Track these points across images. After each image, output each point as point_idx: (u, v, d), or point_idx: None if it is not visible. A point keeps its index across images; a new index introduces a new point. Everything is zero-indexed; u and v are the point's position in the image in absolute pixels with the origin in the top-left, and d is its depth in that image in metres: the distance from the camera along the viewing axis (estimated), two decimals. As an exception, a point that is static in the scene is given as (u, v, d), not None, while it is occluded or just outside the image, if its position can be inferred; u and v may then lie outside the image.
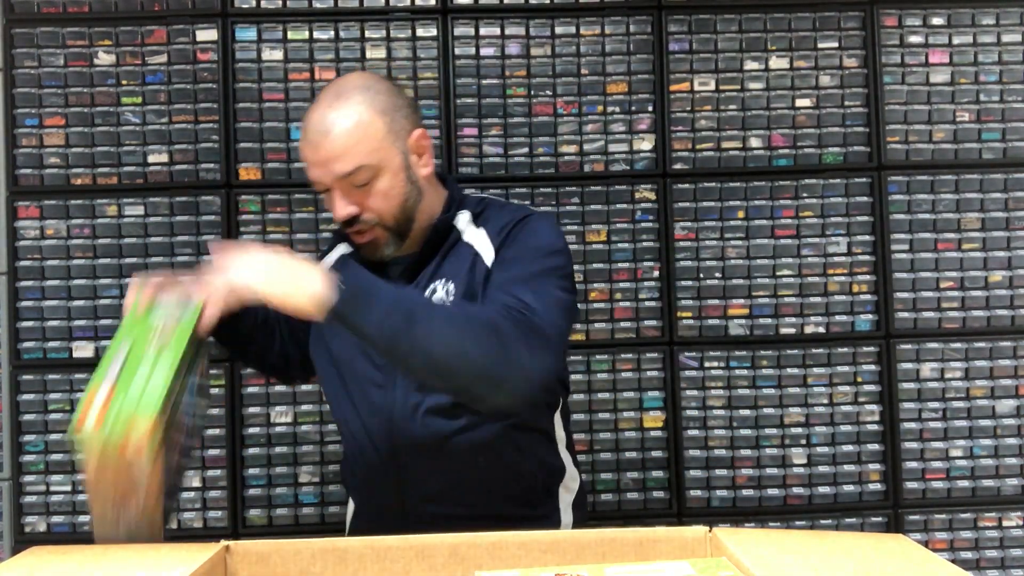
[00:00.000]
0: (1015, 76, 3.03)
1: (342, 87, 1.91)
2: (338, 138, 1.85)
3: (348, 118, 1.86)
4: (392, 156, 1.90)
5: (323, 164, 1.87)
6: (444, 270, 1.97)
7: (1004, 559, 2.96)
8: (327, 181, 1.88)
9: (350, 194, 1.89)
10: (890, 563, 1.28)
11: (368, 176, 1.88)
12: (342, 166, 1.85)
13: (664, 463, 2.97)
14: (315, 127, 1.87)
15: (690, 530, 1.52)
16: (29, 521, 2.89)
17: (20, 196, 2.92)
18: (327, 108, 1.87)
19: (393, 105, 1.92)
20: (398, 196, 1.92)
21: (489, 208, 2.07)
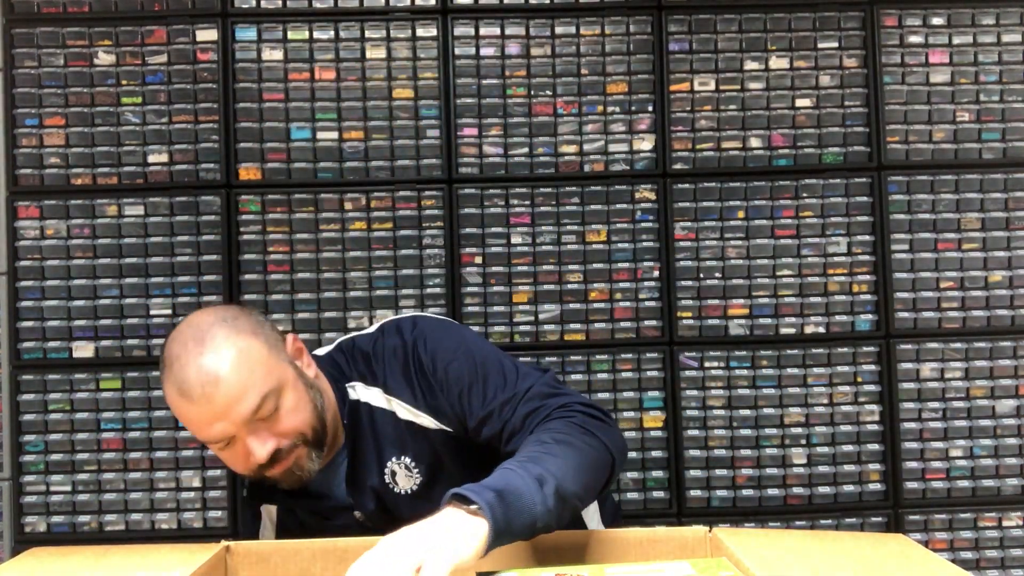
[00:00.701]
0: (1015, 76, 3.02)
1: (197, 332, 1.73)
2: (232, 379, 1.67)
3: (229, 356, 1.69)
4: (283, 371, 1.76)
5: (223, 416, 1.67)
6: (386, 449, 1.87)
7: (1004, 559, 2.96)
8: (234, 429, 1.69)
9: (260, 430, 1.71)
10: (890, 563, 1.28)
11: (274, 402, 1.71)
12: (247, 405, 1.67)
13: (664, 463, 2.97)
14: (196, 381, 1.66)
15: (690, 530, 1.52)
16: (29, 521, 2.89)
17: (20, 196, 2.92)
18: (197, 357, 1.68)
19: (256, 324, 1.79)
20: (307, 405, 1.77)
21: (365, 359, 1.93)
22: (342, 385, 1.89)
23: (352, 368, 1.92)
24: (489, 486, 1.36)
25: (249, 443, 1.70)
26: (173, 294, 2.92)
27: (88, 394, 2.90)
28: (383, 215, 2.95)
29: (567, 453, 1.52)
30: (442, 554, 1.23)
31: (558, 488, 1.41)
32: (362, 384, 1.89)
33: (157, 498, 2.90)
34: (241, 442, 1.70)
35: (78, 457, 2.90)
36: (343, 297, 2.93)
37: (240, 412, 1.67)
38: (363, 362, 1.91)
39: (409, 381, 1.85)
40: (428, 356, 1.85)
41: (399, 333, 1.92)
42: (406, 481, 1.87)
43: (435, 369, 1.83)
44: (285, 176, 2.95)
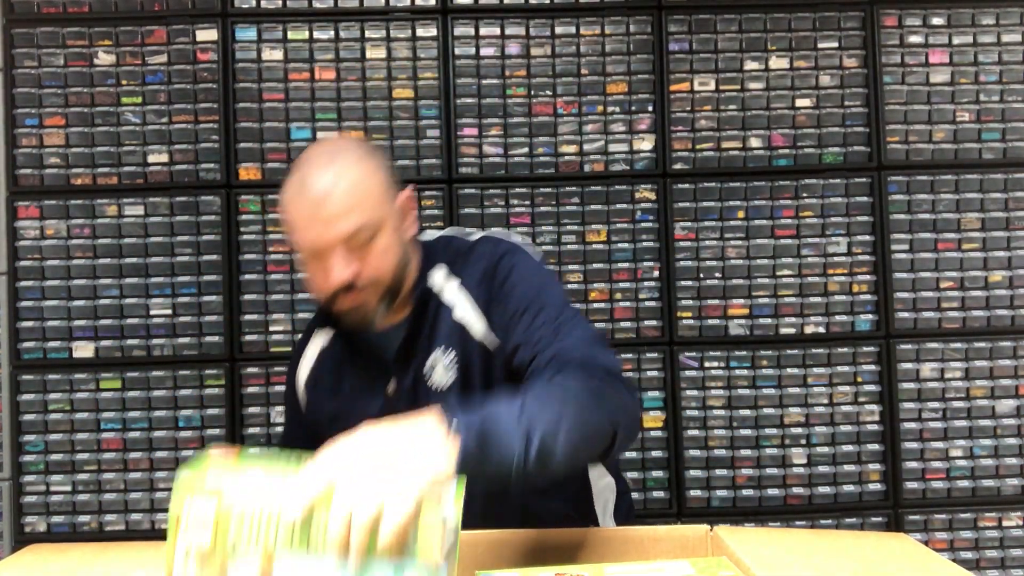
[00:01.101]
0: (1015, 76, 3.03)
1: (330, 149, 1.84)
2: (341, 197, 1.74)
3: (348, 177, 1.77)
4: (388, 214, 1.83)
5: (324, 224, 1.74)
6: (437, 338, 1.91)
7: (1004, 559, 2.96)
8: (325, 242, 1.76)
9: (346, 256, 1.77)
10: (892, 562, 1.28)
11: (369, 235, 1.78)
12: (346, 225, 1.74)
13: (664, 463, 2.97)
14: (311, 188, 1.76)
15: (691, 529, 1.52)
16: (29, 521, 2.89)
17: (20, 196, 2.92)
18: (321, 169, 1.79)
19: (383, 165, 1.87)
20: (392, 257, 1.84)
21: (460, 253, 1.98)
22: (427, 268, 1.95)
23: (442, 256, 1.98)
24: (474, 428, 1.33)
25: (333, 262, 1.76)
26: (173, 294, 2.92)
27: (88, 394, 2.90)
28: (383, 215, 2.94)
29: (568, 413, 1.48)
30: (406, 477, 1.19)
31: (542, 448, 1.39)
32: (444, 273, 1.95)
33: (157, 498, 2.90)
34: (327, 260, 1.76)
35: (78, 457, 2.90)
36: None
37: (338, 228, 1.74)
38: (453, 255, 1.97)
39: (480, 285, 1.90)
40: (505, 270, 1.90)
41: (495, 244, 1.98)
42: (441, 376, 1.90)
43: (504, 282, 1.88)
44: (285, 176, 2.94)
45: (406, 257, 1.88)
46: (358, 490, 1.17)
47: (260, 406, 2.93)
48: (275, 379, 2.92)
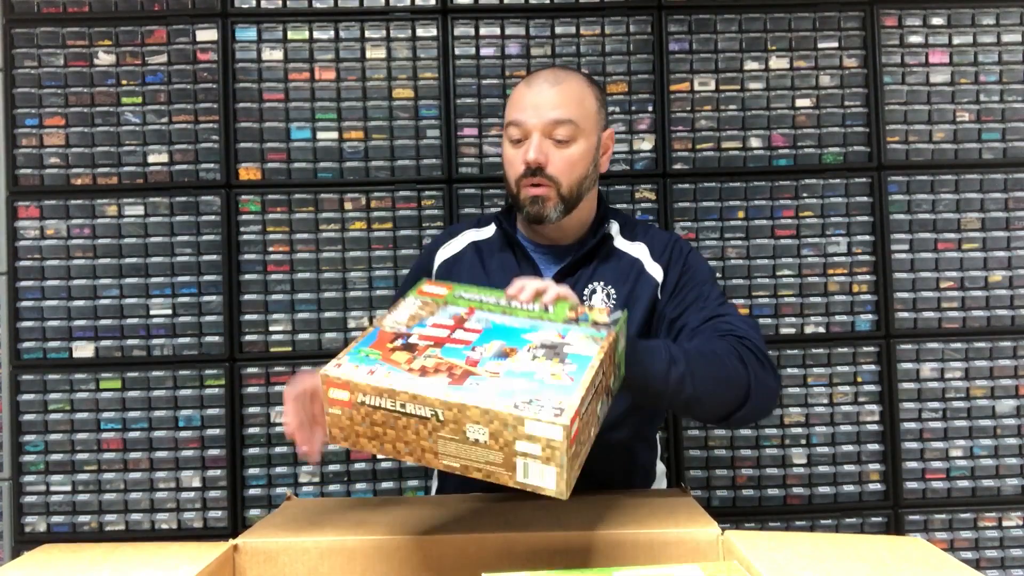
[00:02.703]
0: (1015, 76, 3.03)
1: (568, 68, 2.10)
2: (563, 90, 1.99)
3: (576, 82, 2.03)
4: (593, 130, 2.05)
5: (540, 105, 1.99)
6: (602, 273, 2.08)
7: (1004, 559, 2.96)
8: (534, 122, 1.98)
9: (544, 143, 1.99)
10: (905, 566, 1.28)
11: (570, 134, 1.99)
12: (557, 112, 1.98)
13: (665, 463, 2.96)
14: (544, 77, 2.02)
15: (702, 532, 1.52)
16: (29, 521, 2.88)
17: (20, 196, 2.92)
18: (558, 71, 2.05)
19: (604, 99, 2.12)
20: (582, 168, 2.03)
21: (635, 224, 2.21)
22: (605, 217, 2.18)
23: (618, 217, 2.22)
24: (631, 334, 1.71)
25: (533, 141, 1.99)
26: (173, 294, 2.92)
27: (88, 394, 2.90)
28: (383, 215, 2.95)
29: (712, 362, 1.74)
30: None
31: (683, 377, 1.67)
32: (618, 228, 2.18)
33: (157, 498, 2.90)
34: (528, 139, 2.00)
35: (78, 457, 2.90)
36: (343, 297, 2.93)
37: (549, 113, 1.98)
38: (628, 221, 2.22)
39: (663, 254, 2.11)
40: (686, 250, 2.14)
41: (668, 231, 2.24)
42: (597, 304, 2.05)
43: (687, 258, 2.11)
44: (285, 176, 2.95)
45: (591, 179, 2.09)
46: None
47: (260, 406, 2.93)
48: (275, 379, 2.92)
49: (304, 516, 1.74)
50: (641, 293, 2.04)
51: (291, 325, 2.94)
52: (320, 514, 1.74)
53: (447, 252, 2.23)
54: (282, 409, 1.97)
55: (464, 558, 1.49)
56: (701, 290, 2.02)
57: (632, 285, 2.05)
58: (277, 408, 2.92)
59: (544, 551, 1.50)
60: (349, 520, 1.67)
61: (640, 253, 2.11)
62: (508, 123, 2.03)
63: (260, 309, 2.93)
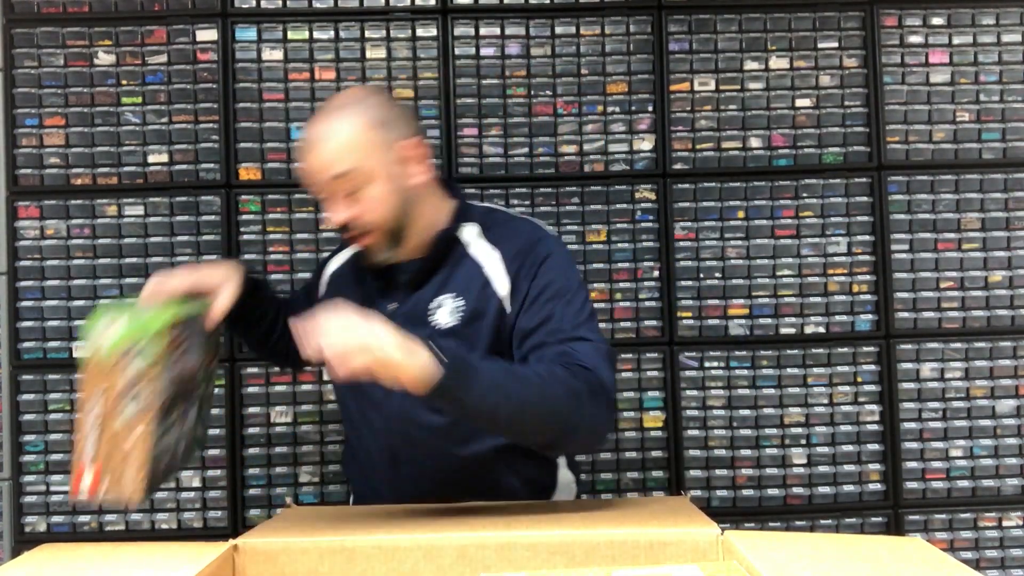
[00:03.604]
0: (1015, 76, 3.03)
1: (340, 101, 2.04)
2: (332, 144, 1.96)
3: (341, 127, 1.97)
4: (381, 165, 1.98)
5: (318, 168, 1.97)
6: (453, 283, 2.06)
7: (1004, 559, 2.96)
8: (320, 184, 1.99)
9: (343, 201, 1.98)
10: (905, 567, 1.28)
11: (358, 182, 1.96)
12: (332, 171, 1.95)
13: (664, 463, 2.97)
14: (313, 135, 1.98)
15: (701, 532, 1.52)
16: (29, 521, 2.88)
17: (20, 196, 2.92)
18: (325, 119, 1.99)
19: (386, 117, 2.02)
20: (386, 204, 1.99)
21: (498, 222, 2.14)
22: (460, 220, 2.12)
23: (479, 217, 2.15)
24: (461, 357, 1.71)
25: (330, 203, 2.01)
26: (173, 294, 2.92)
27: (88, 394, 2.90)
28: (383, 215, 2.94)
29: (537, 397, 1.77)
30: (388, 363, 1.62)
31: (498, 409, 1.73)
32: (476, 231, 2.12)
33: (157, 498, 2.90)
34: (326, 201, 2.02)
35: (78, 382, 2.90)
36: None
37: (327, 172, 1.97)
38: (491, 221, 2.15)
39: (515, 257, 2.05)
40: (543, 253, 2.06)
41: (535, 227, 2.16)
42: (443, 317, 2.05)
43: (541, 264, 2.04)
44: (285, 176, 2.95)
45: (406, 205, 2.03)
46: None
47: (260, 406, 2.93)
48: (275, 379, 2.92)
49: (304, 519, 1.74)
50: (486, 308, 2.03)
51: (291, 325, 2.94)
52: (320, 518, 1.75)
53: (334, 264, 2.33)
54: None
55: (464, 558, 1.49)
56: (554, 308, 1.99)
57: (476, 298, 2.03)
58: (277, 408, 2.93)
59: (544, 551, 1.50)
60: (349, 522, 1.67)
61: (490, 261, 2.07)
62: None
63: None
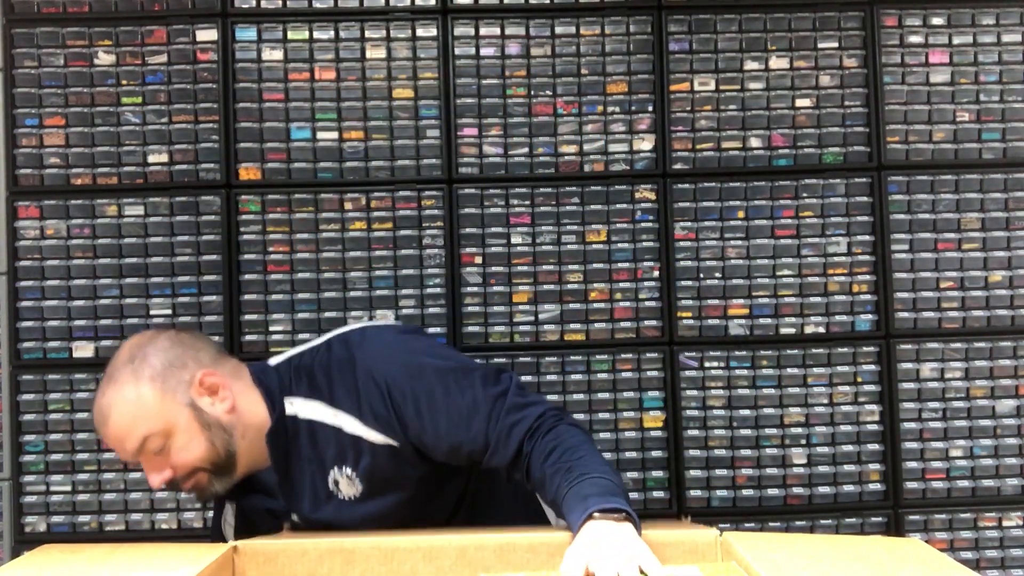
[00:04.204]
0: (1015, 76, 3.03)
1: (112, 369, 1.95)
2: (116, 421, 1.88)
3: (118, 399, 1.89)
4: (176, 414, 1.90)
5: (116, 442, 1.91)
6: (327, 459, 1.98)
7: (1004, 559, 2.96)
8: (127, 457, 1.93)
9: (155, 461, 1.91)
10: (904, 567, 1.28)
11: (160, 441, 1.89)
12: (130, 444, 1.88)
13: (664, 463, 2.97)
14: (97, 417, 1.93)
15: (700, 534, 1.52)
16: (29, 521, 2.88)
17: (20, 196, 2.92)
18: (101, 396, 1.92)
19: (163, 365, 1.93)
20: (200, 446, 1.92)
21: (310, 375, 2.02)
22: (279, 402, 1.99)
23: (295, 383, 2.02)
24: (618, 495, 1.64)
25: (146, 469, 1.93)
26: (173, 294, 2.92)
27: (88, 394, 2.89)
28: (383, 215, 2.94)
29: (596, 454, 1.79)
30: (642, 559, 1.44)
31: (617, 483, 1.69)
32: (302, 399, 2.00)
33: (157, 498, 2.90)
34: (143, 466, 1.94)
35: (78, 457, 2.89)
36: (343, 297, 2.93)
37: (126, 448, 1.91)
38: (307, 377, 2.01)
39: (356, 396, 1.93)
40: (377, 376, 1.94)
41: (347, 346, 2.02)
42: (349, 488, 1.97)
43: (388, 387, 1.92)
44: (285, 176, 2.94)
45: (223, 436, 1.94)
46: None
47: (260, 406, 2.93)
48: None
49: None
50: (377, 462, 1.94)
51: (291, 325, 2.94)
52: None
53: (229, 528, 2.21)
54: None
55: (464, 558, 1.49)
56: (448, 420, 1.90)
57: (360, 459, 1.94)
58: (277, 408, 2.93)
59: (543, 552, 1.50)
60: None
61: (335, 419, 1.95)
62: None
63: (260, 309, 2.93)
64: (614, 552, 1.42)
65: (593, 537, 1.49)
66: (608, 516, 1.55)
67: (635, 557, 1.41)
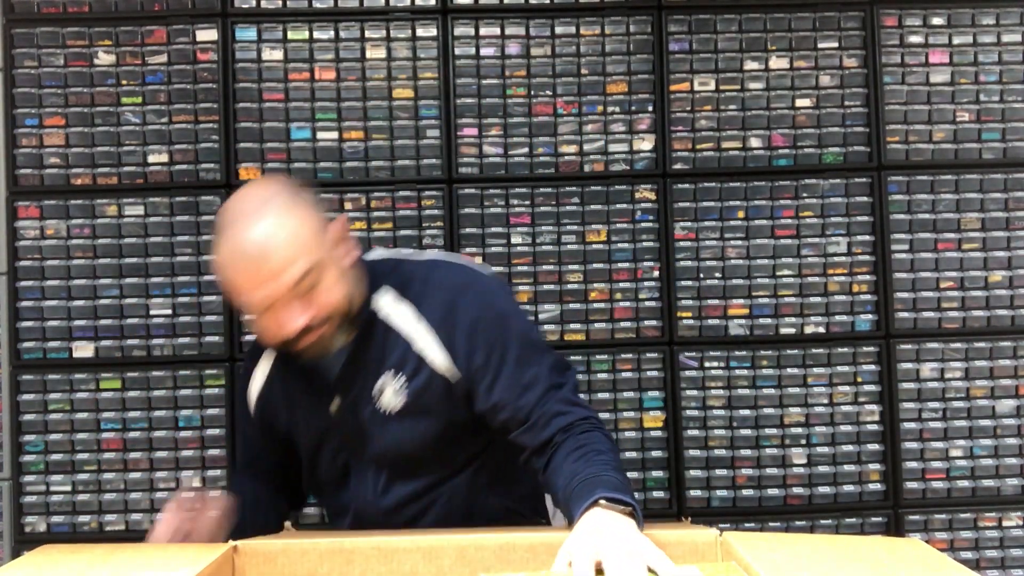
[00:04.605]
0: (1015, 76, 3.03)
1: (256, 200, 1.81)
2: (278, 250, 1.74)
3: (279, 229, 1.76)
4: (327, 251, 1.82)
5: (268, 281, 1.75)
6: (388, 362, 1.93)
7: (1004, 559, 2.96)
8: (275, 297, 1.76)
9: (296, 304, 1.78)
10: (906, 569, 1.27)
11: (316, 277, 1.78)
12: (291, 275, 1.75)
13: (664, 463, 2.97)
14: (245, 250, 1.75)
15: (700, 534, 1.52)
16: (29, 521, 2.88)
17: (20, 196, 2.92)
18: (248, 229, 1.76)
19: (308, 203, 1.85)
20: (341, 288, 1.84)
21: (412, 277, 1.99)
22: (371, 290, 1.95)
23: (391, 280, 1.98)
24: (624, 489, 1.65)
25: (285, 314, 1.77)
26: (173, 294, 2.92)
27: (88, 394, 2.90)
28: (383, 215, 2.95)
29: (618, 462, 1.76)
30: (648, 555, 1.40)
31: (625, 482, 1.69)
32: (392, 297, 1.95)
33: (157, 498, 2.90)
34: (278, 311, 1.77)
35: (78, 457, 2.90)
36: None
37: (284, 281, 1.74)
38: (404, 281, 1.97)
39: (443, 320, 1.91)
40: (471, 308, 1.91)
41: (450, 271, 2.00)
42: (390, 400, 1.92)
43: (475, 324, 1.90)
44: (285, 176, 2.94)
45: (352, 285, 1.88)
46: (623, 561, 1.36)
47: (260, 406, 2.93)
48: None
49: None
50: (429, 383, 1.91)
51: (291, 325, 2.94)
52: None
53: (256, 386, 2.08)
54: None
55: (463, 558, 1.49)
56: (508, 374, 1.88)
57: (416, 373, 1.91)
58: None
59: (543, 551, 1.50)
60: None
61: (416, 332, 1.91)
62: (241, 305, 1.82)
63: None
64: (617, 544, 1.40)
65: (597, 525, 1.49)
66: (614, 506, 1.56)
67: (640, 552, 1.39)
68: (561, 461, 1.78)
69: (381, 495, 1.97)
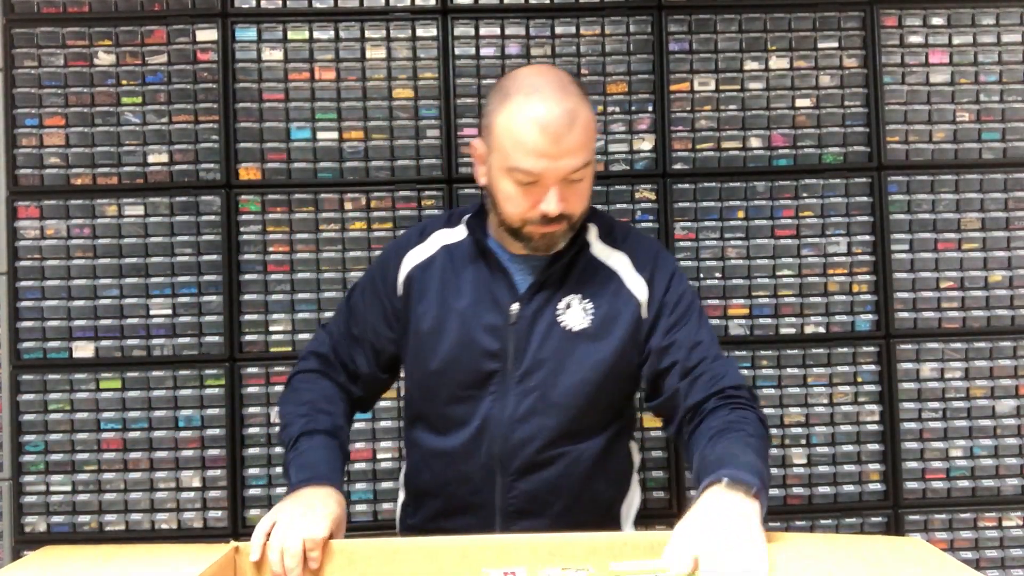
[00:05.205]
0: (1015, 76, 3.03)
1: (560, 79, 1.88)
2: (580, 131, 1.82)
3: (582, 112, 1.84)
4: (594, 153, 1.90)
5: (561, 155, 1.81)
6: (581, 285, 2.00)
7: (1004, 559, 2.96)
8: (569, 169, 1.83)
9: (564, 190, 1.85)
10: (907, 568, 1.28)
11: (585, 172, 1.87)
12: (579, 158, 1.83)
13: (665, 463, 2.97)
14: (556, 118, 1.80)
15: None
16: (29, 521, 2.88)
17: (20, 196, 2.92)
18: (560, 100, 1.82)
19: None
20: (590, 195, 1.95)
21: (615, 225, 2.11)
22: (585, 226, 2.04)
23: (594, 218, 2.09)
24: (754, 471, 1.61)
25: (552, 194, 1.83)
26: (173, 294, 2.92)
27: (88, 394, 2.90)
28: (383, 215, 2.95)
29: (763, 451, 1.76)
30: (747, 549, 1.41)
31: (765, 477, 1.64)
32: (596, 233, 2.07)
33: (157, 498, 2.90)
34: (543, 189, 1.84)
35: (78, 457, 2.90)
36: (343, 297, 2.93)
37: (571, 162, 1.82)
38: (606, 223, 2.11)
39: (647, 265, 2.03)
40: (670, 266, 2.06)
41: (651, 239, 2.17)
42: (574, 319, 1.98)
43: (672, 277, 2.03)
44: (285, 176, 2.94)
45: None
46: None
47: (260, 406, 2.93)
48: (275, 379, 2.91)
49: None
50: (621, 310, 1.98)
51: (291, 325, 2.94)
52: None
53: (417, 257, 2.09)
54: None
55: (464, 558, 1.49)
56: (699, 328, 1.98)
57: (611, 300, 1.98)
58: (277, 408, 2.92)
59: (544, 551, 1.50)
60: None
61: (620, 264, 2.02)
62: (512, 167, 1.83)
63: (260, 309, 2.93)
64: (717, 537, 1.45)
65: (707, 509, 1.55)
66: (737, 487, 1.57)
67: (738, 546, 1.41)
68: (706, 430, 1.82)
69: (519, 421, 1.97)
